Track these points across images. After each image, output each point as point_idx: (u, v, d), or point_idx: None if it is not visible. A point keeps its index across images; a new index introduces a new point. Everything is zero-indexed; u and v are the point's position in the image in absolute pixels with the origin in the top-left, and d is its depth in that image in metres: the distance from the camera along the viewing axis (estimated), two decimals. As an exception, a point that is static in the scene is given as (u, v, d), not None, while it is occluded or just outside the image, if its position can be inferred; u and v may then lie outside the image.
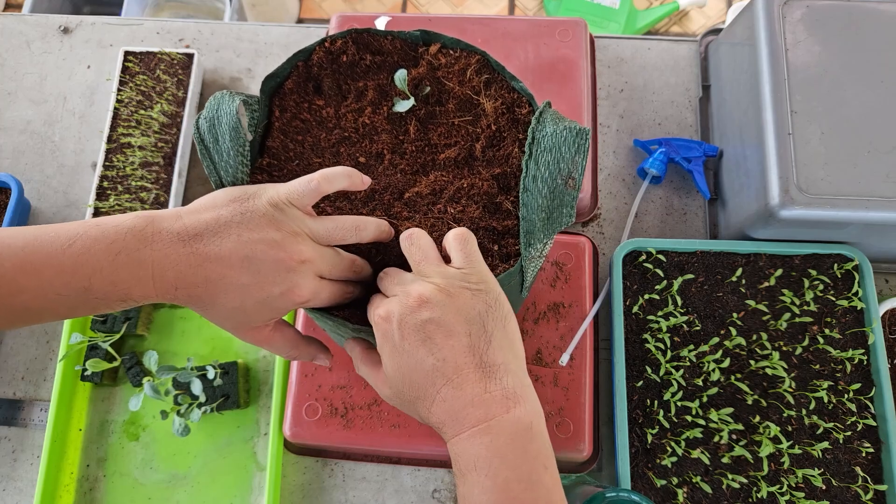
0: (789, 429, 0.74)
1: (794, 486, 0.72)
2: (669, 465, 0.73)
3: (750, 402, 0.75)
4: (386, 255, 0.57)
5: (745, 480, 0.72)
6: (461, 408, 0.41)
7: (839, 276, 0.80)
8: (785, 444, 0.73)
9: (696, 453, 0.73)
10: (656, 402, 0.75)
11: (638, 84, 0.98)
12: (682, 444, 0.74)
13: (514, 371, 0.43)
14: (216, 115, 0.52)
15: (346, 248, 0.55)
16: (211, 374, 0.78)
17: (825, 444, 0.73)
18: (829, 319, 0.78)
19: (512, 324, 0.45)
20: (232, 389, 0.79)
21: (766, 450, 0.72)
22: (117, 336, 0.81)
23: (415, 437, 0.75)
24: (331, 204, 0.57)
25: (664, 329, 0.78)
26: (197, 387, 0.77)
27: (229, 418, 0.82)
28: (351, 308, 0.59)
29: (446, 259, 0.48)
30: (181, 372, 0.77)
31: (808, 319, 0.78)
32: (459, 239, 0.47)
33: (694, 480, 0.73)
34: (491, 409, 0.41)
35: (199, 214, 0.44)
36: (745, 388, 0.75)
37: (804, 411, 0.75)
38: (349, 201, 0.58)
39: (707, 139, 0.93)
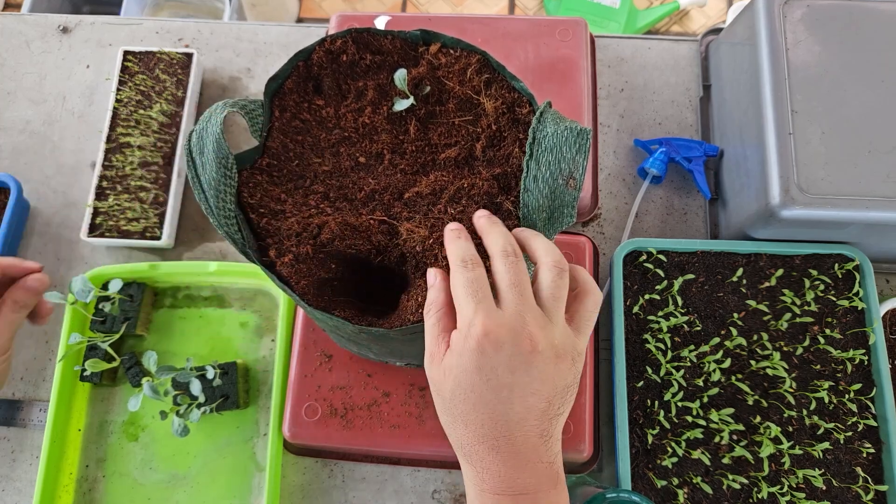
0: (790, 429, 0.74)
1: (794, 486, 0.72)
2: (670, 466, 0.73)
3: (750, 403, 0.75)
4: (386, 256, 0.57)
5: (745, 481, 0.72)
6: (512, 468, 0.40)
7: (840, 276, 0.80)
8: (785, 445, 0.73)
9: (696, 454, 0.73)
10: (657, 402, 0.75)
11: (638, 84, 0.97)
12: (683, 444, 0.73)
13: (559, 440, 0.43)
14: (205, 127, 0.52)
15: (345, 255, 0.55)
16: (210, 374, 0.78)
17: (826, 445, 0.73)
18: (829, 319, 0.78)
19: (570, 405, 0.44)
20: (231, 390, 0.79)
21: (767, 450, 0.72)
22: (116, 336, 0.81)
23: (414, 438, 0.75)
24: (331, 205, 0.57)
25: (664, 329, 0.78)
26: (196, 387, 0.76)
27: (229, 418, 0.82)
28: (351, 305, 0.59)
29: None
30: (180, 372, 0.77)
31: (809, 319, 0.78)
32: (595, 298, 0.44)
33: (694, 481, 0.72)
34: (541, 482, 0.40)
35: None
36: (746, 389, 0.75)
37: (805, 412, 0.75)
38: (349, 202, 0.57)
39: (707, 139, 0.93)
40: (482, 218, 0.46)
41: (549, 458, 0.41)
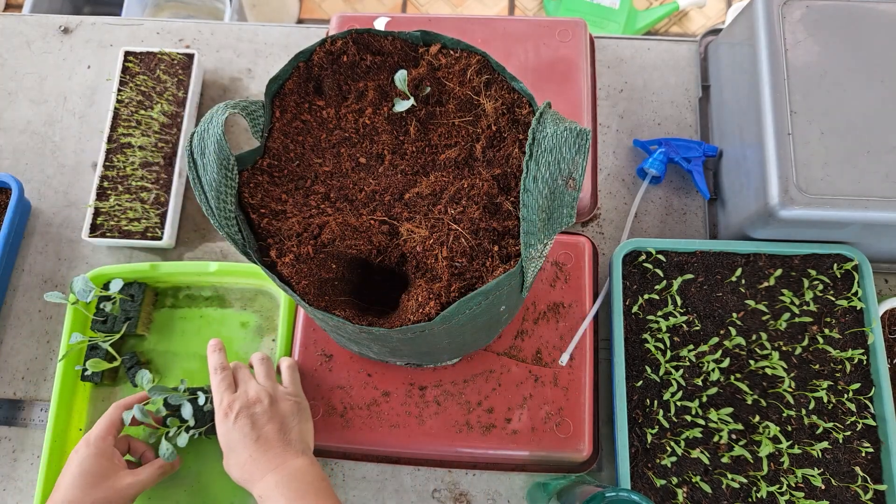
0: (789, 429, 0.74)
1: (793, 485, 0.72)
2: (669, 465, 0.73)
3: (749, 402, 0.75)
4: (387, 256, 0.57)
5: (744, 480, 0.72)
6: (267, 459, 0.65)
7: (839, 276, 0.80)
8: (784, 444, 0.73)
9: (695, 453, 0.73)
10: (656, 401, 0.76)
11: (638, 84, 0.98)
12: (682, 443, 0.74)
13: (305, 441, 0.69)
14: (206, 129, 0.52)
15: (346, 255, 0.55)
16: (202, 399, 0.76)
17: (825, 444, 0.73)
18: (828, 319, 0.78)
19: (308, 423, 0.72)
20: None
21: (766, 450, 0.72)
22: (117, 336, 0.81)
23: (414, 437, 0.75)
24: (331, 205, 0.57)
25: (664, 329, 0.78)
26: (187, 411, 0.75)
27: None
28: (351, 305, 0.59)
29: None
30: (172, 395, 0.75)
31: (808, 319, 0.78)
32: (289, 366, 0.76)
33: (694, 480, 0.73)
34: (286, 458, 0.65)
35: None
36: (745, 388, 0.75)
37: (804, 411, 0.75)
38: (350, 202, 0.58)
39: (707, 139, 0.93)
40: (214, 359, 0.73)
41: (289, 448, 0.66)
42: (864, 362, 0.77)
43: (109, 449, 0.71)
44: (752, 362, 0.76)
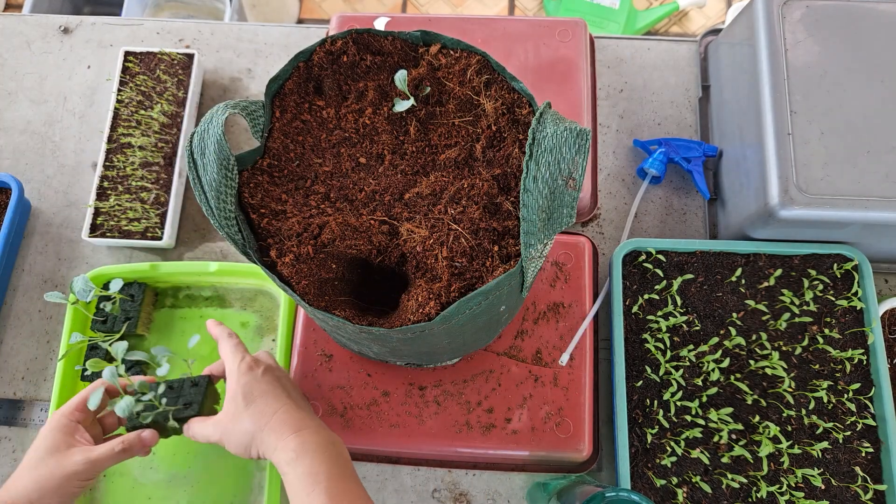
0: (789, 429, 0.74)
1: (793, 485, 0.72)
2: (669, 465, 0.73)
3: (749, 402, 0.75)
4: (387, 256, 0.57)
5: (744, 480, 0.72)
6: (301, 416, 0.62)
7: (839, 276, 0.80)
8: (784, 444, 0.73)
9: (695, 453, 0.73)
10: (656, 401, 0.76)
11: (637, 84, 0.98)
12: (682, 443, 0.74)
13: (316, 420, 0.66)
14: (206, 129, 0.52)
15: (346, 255, 0.56)
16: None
17: (825, 444, 0.73)
18: (828, 319, 0.78)
19: (306, 402, 0.70)
20: (196, 399, 0.69)
21: (766, 449, 0.72)
22: (117, 336, 0.81)
23: (414, 437, 0.75)
24: (331, 205, 0.57)
25: (664, 329, 0.78)
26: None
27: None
28: (351, 305, 0.59)
29: None
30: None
31: (808, 319, 0.78)
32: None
33: (694, 480, 0.73)
34: (320, 423, 0.63)
35: None
36: (745, 388, 0.75)
37: (804, 411, 0.75)
38: (350, 202, 0.58)
39: (706, 139, 0.93)
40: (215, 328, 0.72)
41: (315, 419, 0.64)
42: (864, 362, 0.77)
43: (71, 424, 0.65)
44: (752, 362, 0.76)
